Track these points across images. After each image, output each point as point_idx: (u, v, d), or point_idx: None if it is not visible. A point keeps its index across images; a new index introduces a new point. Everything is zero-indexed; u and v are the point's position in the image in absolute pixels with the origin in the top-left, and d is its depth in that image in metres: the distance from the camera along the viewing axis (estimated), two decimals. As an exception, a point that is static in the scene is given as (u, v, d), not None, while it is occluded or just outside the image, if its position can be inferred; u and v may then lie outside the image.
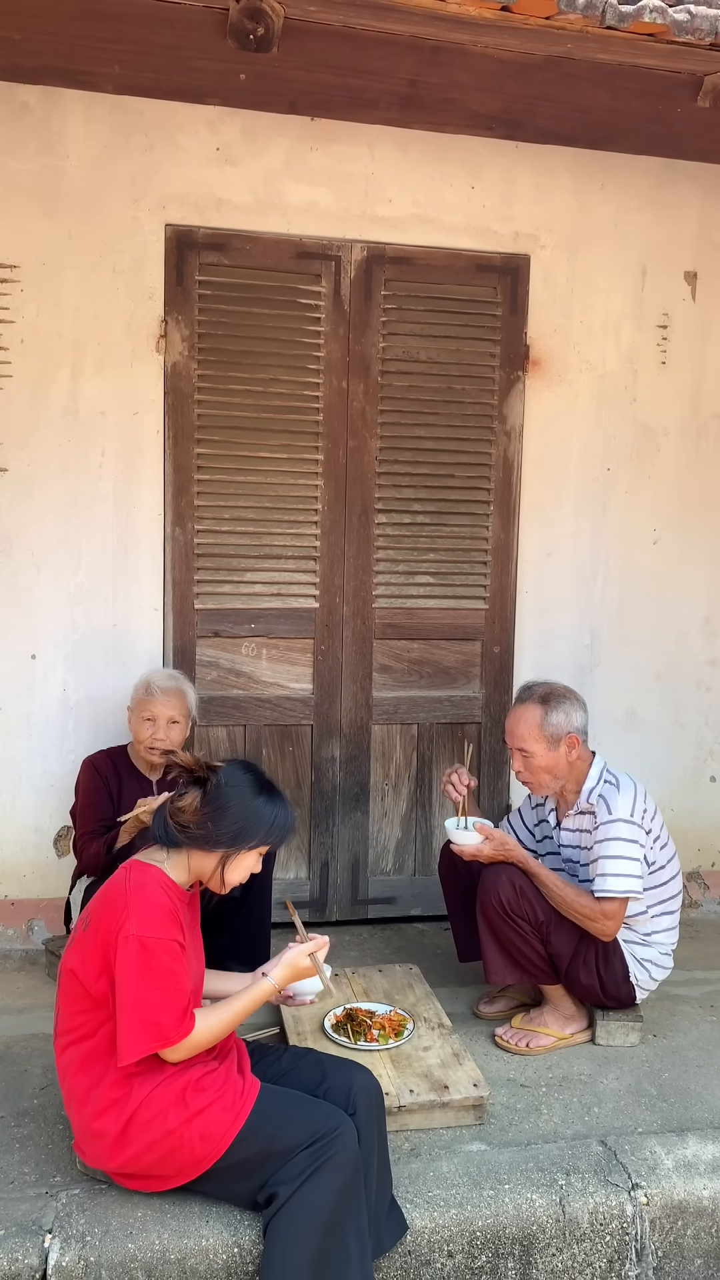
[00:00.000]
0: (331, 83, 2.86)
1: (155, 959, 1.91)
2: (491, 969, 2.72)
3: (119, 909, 1.95)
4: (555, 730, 2.69)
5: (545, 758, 2.69)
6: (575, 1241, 2.16)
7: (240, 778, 2.06)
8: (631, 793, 2.70)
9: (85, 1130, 2.02)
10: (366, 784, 3.53)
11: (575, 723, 2.72)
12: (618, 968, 2.71)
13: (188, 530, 3.30)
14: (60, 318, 3.16)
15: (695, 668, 3.76)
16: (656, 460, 3.64)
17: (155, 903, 1.95)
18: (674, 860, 2.81)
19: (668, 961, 2.82)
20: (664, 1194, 2.22)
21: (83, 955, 2.00)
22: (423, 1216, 2.11)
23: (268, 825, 2.04)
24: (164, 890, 1.99)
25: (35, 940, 3.29)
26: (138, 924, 1.92)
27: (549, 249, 3.47)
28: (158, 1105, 1.94)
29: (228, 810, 2.01)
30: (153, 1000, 1.91)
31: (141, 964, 1.91)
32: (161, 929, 1.94)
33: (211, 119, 3.16)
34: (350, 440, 3.38)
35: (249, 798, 2.03)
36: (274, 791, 2.08)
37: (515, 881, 2.67)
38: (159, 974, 1.91)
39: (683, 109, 2.83)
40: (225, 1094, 1.97)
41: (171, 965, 1.93)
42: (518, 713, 2.74)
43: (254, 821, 2.02)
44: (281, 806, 2.07)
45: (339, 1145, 1.92)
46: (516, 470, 3.52)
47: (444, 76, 2.78)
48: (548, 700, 2.71)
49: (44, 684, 3.26)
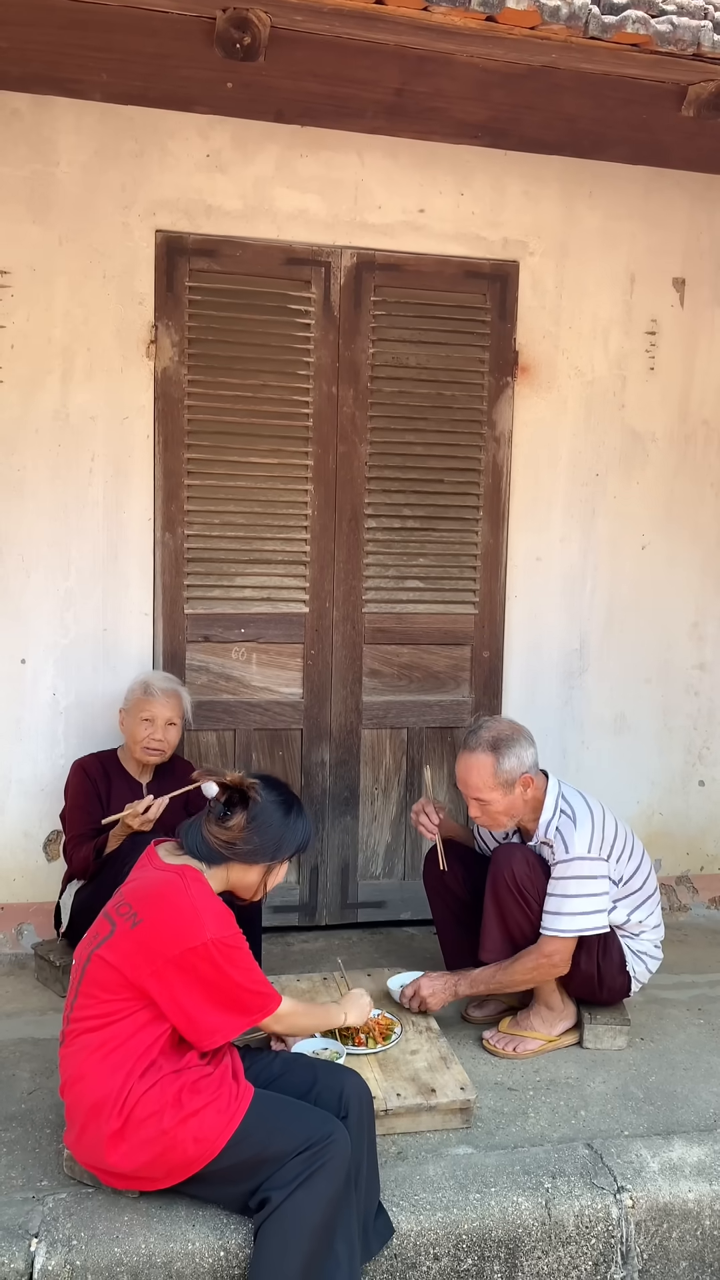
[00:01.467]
0: (318, 91, 2.88)
1: (240, 953, 2.04)
2: (488, 945, 2.72)
3: (189, 918, 1.99)
4: (509, 775, 2.64)
5: (502, 803, 2.66)
6: (561, 1244, 2.17)
7: (274, 795, 2.19)
8: (588, 825, 2.67)
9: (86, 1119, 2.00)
10: (356, 788, 3.54)
11: (527, 762, 2.67)
12: (615, 957, 2.73)
13: (178, 535, 3.31)
14: (50, 323, 3.17)
15: (684, 672, 3.77)
16: (645, 466, 3.65)
17: (222, 909, 2.07)
18: (645, 860, 2.81)
19: (659, 954, 2.85)
20: (649, 1197, 2.23)
21: (130, 951, 2.01)
22: (409, 1220, 2.12)
23: (302, 837, 2.21)
24: (219, 899, 2.11)
25: (24, 945, 3.30)
26: (215, 929, 2.01)
27: (538, 256, 3.49)
28: (154, 1104, 1.95)
29: (268, 827, 2.14)
30: (247, 987, 2.05)
31: (231, 962, 2.02)
32: (233, 929, 2.06)
33: (202, 126, 3.18)
34: (340, 445, 3.40)
35: (284, 813, 2.17)
36: (301, 805, 2.24)
37: (528, 858, 2.69)
38: (249, 969, 2.06)
39: (668, 118, 2.84)
40: (220, 1097, 1.98)
41: (250, 959, 2.08)
42: (469, 763, 2.67)
43: (290, 835, 2.18)
44: (306, 819, 2.25)
45: (333, 1152, 1.94)
46: (506, 476, 3.54)
47: (430, 86, 2.80)
48: (497, 747, 2.64)
49: (33, 688, 3.27)
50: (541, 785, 2.73)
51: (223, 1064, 2.08)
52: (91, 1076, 2.00)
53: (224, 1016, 2.04)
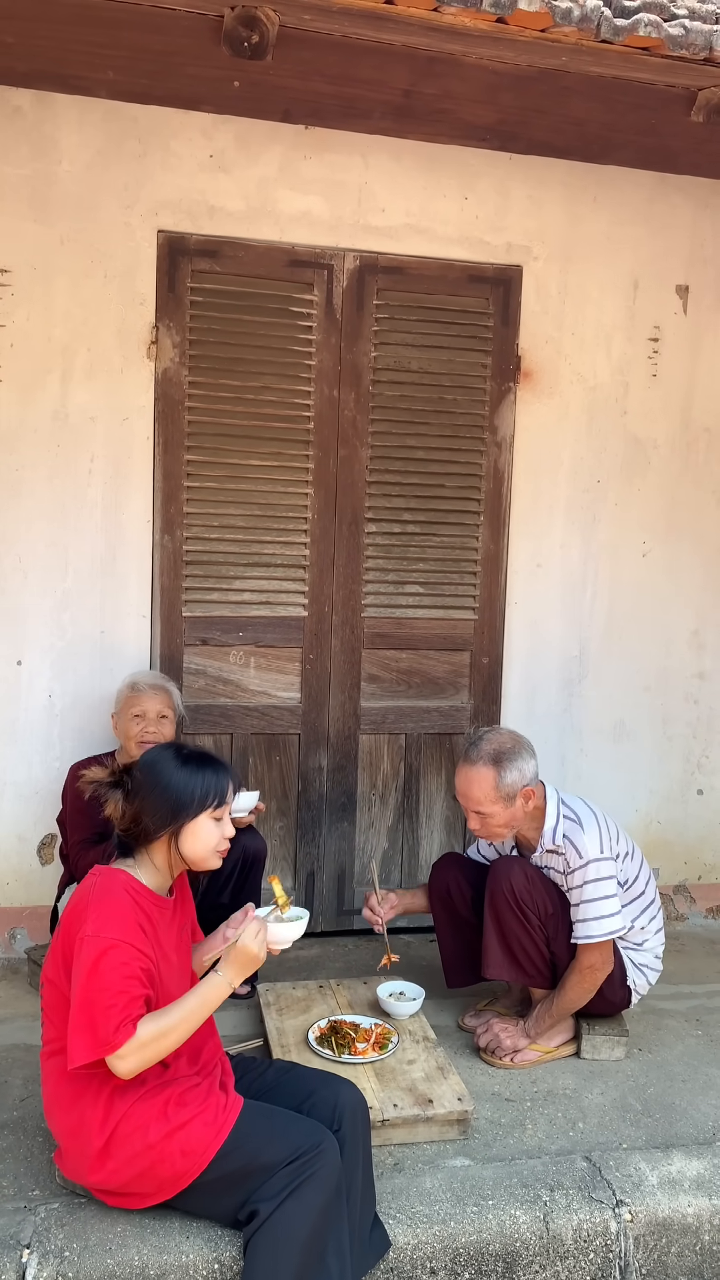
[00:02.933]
0: (326, 91, 2.86)
1: (104, 959, 1.86)
2: (490, 962, 2.70)
3: (80, 912, 1.94)
4: (511, 789, 2.60)
5: (503, 816, 2.63)
6: (559, 1259, 2.14)
7: (159, 756, 2.05)
8: (595, 828, 2.66)
9: (67, 1142, 1.99)
10: (353, 794, 3.52)
11: (528, 774, 2.63)
12: (616, 973, 2.71)
13: (176, 537, 3.29)
14: (51, 323, 3.14)
15: (683, 680, 3.76)
16: (647, 473, 3.64)
17: (115, 905, 1.93)
18: (643, 866, 2.81)
19: (659, 965, 2.84)
20: (648, 1211, 2.21)
21: (55, 963, 1.98)
22: (406, 1233, 2.09)
23: (200, 789, 2.01)
24: (129, 894, 1.96)
25: (17, 949, 3.26)
26: (94, 925, 1.89)
27: (541, 260, 3.47)
28: (139, 1119, 1.91)
29: (154, 792, 2.00)
30: (98, 1004, 1.85)
31: (90, 965, 1.86)
32: (116, 931, 1.89)
33: (205, 126, 3.16)
34: (341, 449, 3.38)
35: (172, 771, 2.01)
36: (200, 758, 2.06)
37: (527, 872, 2.66)
38: (105, 975, 1.86)
39: (676, 123, 2.83)
40: (207, 1109, 1.94)
41: (119, 969, 1.86)
42: (469, 776, 2.61)
43: (184, 791, 2.00)
44: (211, 769, 2.04)
45: (321, 1162, 1.90)
46: (507, 481, 3.52)
47: (439, 87, 2.79)
48: (499, 760, 2.60)
49: (29, 690, 3.24)
50: (542, 795, 2.71)
51: (211, 1074, 2.05)
52: (64, 1100, 1.97)
53: (77, 1034, 1.85)
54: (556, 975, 2.72)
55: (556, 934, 2.67)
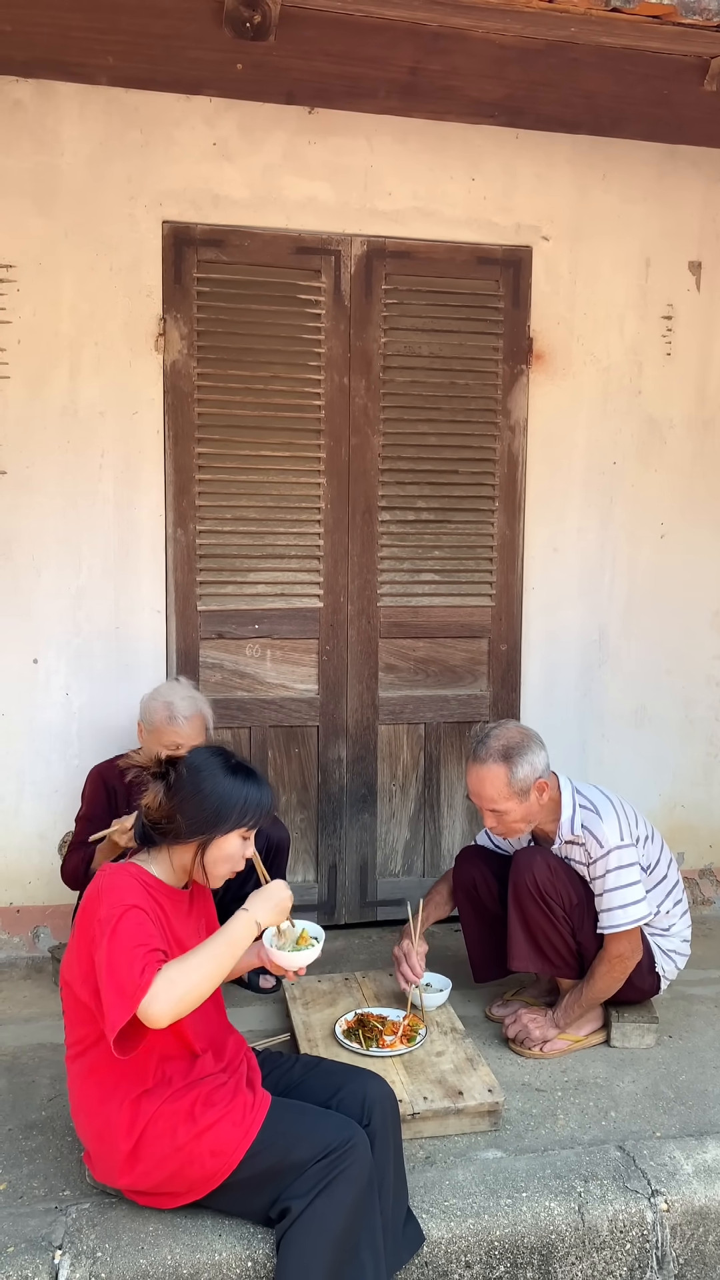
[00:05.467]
0: (330, 71, 2.82)
1: (120, 925, 1.82)
2: (515, 954, 2.67)
3: (93, 907, 1.90)
4: (523, 784, 2.56)
5: (519, 811, 2.59)
6: (595, 1250, 2.12)
7: (207, 761, 2.00)
8: (614, 815, 2.63)
9: (94, 1145, 1.98)
10: (374, 785, 3.49)
11: (539, 767, 2.59)
12: (644, 959, 2.68)
13: (189, 531, 3.26)
14: (58, 317, 3.11)
15: (705, 662, 3.71)
16: (663, 453, 3.59)
17: (128, 887, 1.89)
18: (664, 849, 2.78)
19: (687, 949, 2.80)
20: (684, 1200, 2.18)
21: (69, 964, 1.95)
22: (439, 1227, 2.07)
23: (241, 805, 1.96)
24: (137, 880, 1.92)
25: (41, 948, 3.26)
26: (108, 905, 1.86)
27: (551, 240, 3.42)
28: (166, 1121, 1.89)
29: (196, 796, 1.95)
30: (119, 963, 1.79)
31: (110, 935, 1.82)
32: (130, 898, 1.86)
33: (208, 113, 3.12)
34: (352, 437, 3.34)
35: (218, 780, 1.96)
36: (246, 771, 2.01)
37: (550, 862, 2.62)
38: (122, 938, 1.81)
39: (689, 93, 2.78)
40: (235, 1108, 1.92)
41: (135, 931, 1.81)
42: (480, 775, 2.57)
43: (225, 803, 1.95)
44: (254, 785, 1.99)
45: (352, 1158, 1.88)
46: (521, 465, 3.48)
47: (445, 63, 2.74)
48: (509, 756, 2.55)
49: (46, 688, 3.22)
50: (556, 786, 2.67)
51: (238, 1071, 2.03)
52: (90, 1104, 1.95)
53: (109, 999, 1.78)
54: (584, 964, 2.69)
55: (582, 924, 2.64)
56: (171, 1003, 1.77)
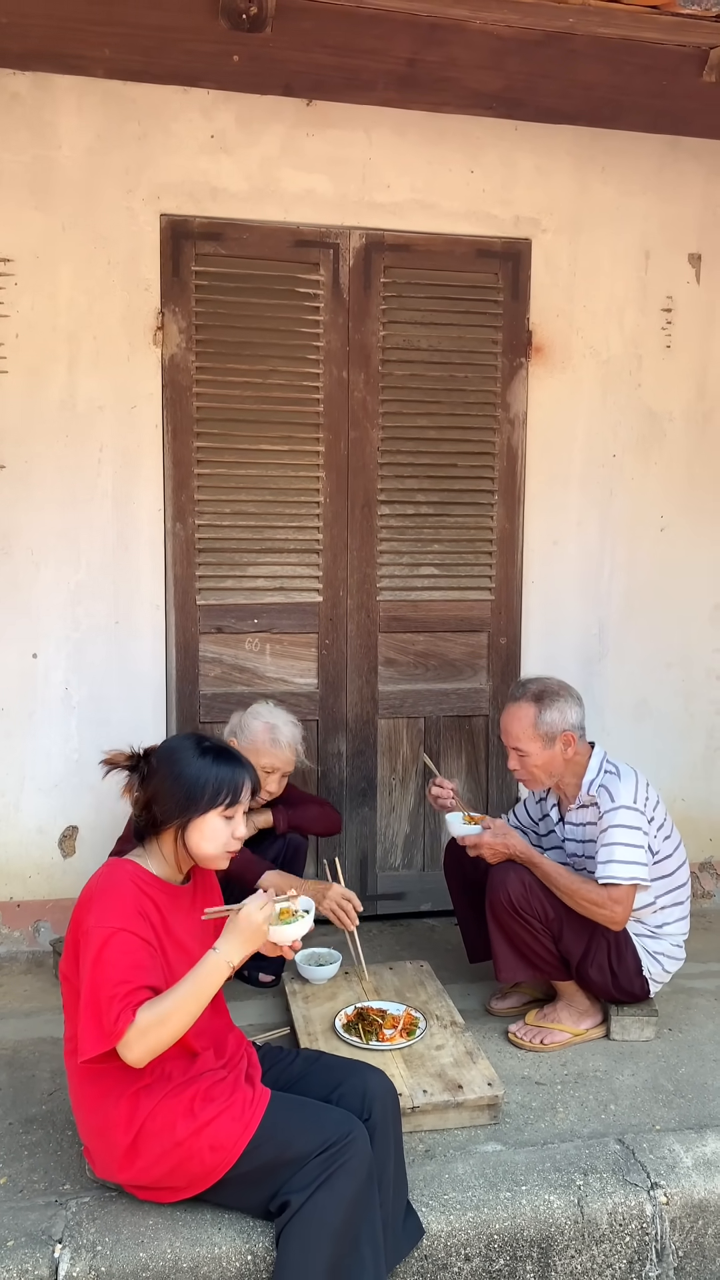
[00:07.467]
0: (327, 63, 2.81)
1: (106, 949, 1.83)
2: (502, 967, 2.68)
3: (86, 905, 1.92)
4: (550, 729, 2.64)
5: (541, 756, 2.65)
6: (594, 1243, 2.12)
7: (178, 745, 2.02)
8: (633, 781, 2.66)
9: (93, 1141, 1.99)
10: (374, 779, 3.49)
11: (570, 719, 2.67)
12: (630, 963, 2.67)
13: (188, 525, 3.26)
14: (55, 311, 3.11)
15: (705, 656, 3.71)
16: (663, 446, 3.58)
17: (118, 895, 1.90)
18: (680, 849, 2.77)
19: (680, 953, 2.78)
20: (684, 1193, 2.18)
21: (69, 958, 1.97)
22: (439, 1220, 2.07)
23: (213, 785, 1.96)
24: (133, 882, 1.93)
25: (42, 942, 3.26)
26: (96, 916, 1.87)
27: (550, 233, 3.41)
28: (166, 1117, 1.90)
29: (166, 781, 1.97)
30: (102, 994, 1.81)
31: (95, 957, 1.83)
32: (116, 919, 1.86)
33: (205, 106, 3.11)
34: (351, 431, 3.33)
35: (188, 762, 1.98)
36: (217, 752, 2.01)
37: (524, 879, 2.63)
38: (108, 966, 1.82)
39: (688, 84, 2.77)
40: (234, 1103, 1.92)
41: (122, 958, 1.82)
42: (511, 711, 2.69)
43: (196, 785, 1.96)
44: (227, 765, 1.99)
45: (351, 1151, 1.88)
46: (521, 458, 3.47)
47: (443, 54, 2.73)
48: (541, 698, 2.66)
49: (45, 683, 3.22)
50: (586, 750, 2.72)
51: (237, 1066, 2.03)
52: (89, 1100, 1.95)
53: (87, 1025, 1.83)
54: (569, 967, 2.69)
55: (561, 933, 2.64)
56: (144, 1050, 1.81)
